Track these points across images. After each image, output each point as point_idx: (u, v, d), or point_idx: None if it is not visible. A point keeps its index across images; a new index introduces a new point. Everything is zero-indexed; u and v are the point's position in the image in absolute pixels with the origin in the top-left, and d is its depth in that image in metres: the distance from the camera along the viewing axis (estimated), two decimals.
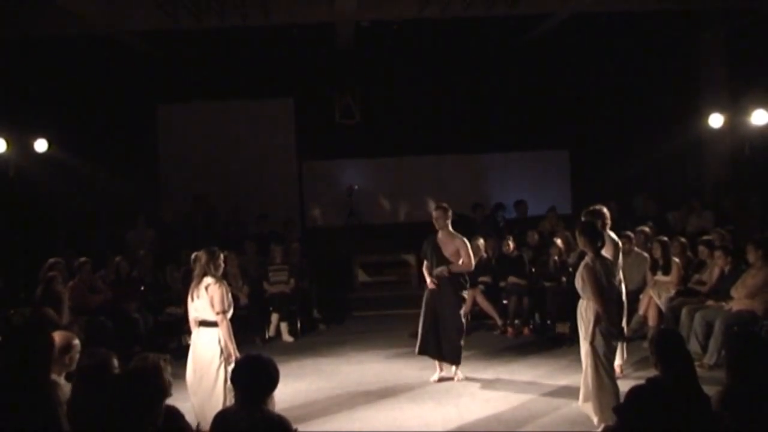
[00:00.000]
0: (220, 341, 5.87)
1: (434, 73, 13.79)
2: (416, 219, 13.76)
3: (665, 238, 9.32)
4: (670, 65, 13.69)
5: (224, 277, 6.16)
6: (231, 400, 5.62)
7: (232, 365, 5.74)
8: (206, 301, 5.89)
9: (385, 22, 11.65)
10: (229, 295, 5.96)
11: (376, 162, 14.15)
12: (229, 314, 5.94)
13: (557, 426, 6.40)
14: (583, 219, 7.05)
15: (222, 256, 6.09)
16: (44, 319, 7.62)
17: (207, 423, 4.17)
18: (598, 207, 7.36)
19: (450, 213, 7.86)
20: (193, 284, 6.05)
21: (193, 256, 6.11)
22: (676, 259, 9.12)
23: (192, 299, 6.02)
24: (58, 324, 7.48)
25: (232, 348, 5.88)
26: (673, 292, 8.85)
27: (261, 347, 9.65)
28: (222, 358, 5.84)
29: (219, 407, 5.58)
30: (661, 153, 12.85)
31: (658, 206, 12.85)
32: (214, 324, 5.89)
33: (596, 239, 6.10)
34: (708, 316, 8.10)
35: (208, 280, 5.93)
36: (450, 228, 7.81)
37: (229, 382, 5.69)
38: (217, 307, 5.85)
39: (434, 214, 7.85)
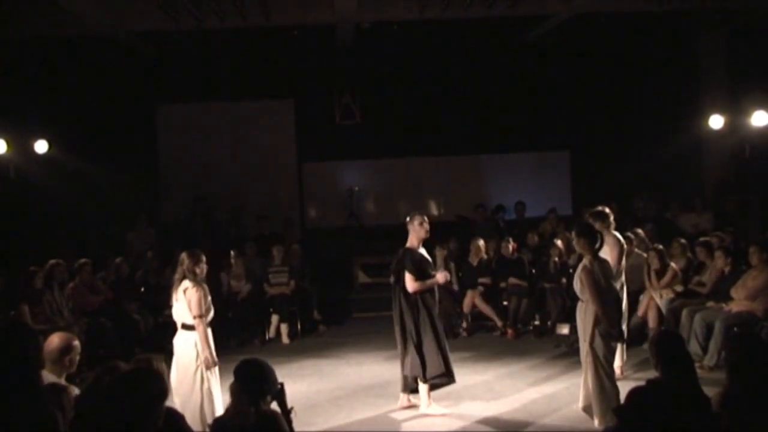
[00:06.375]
0: (196, 345, 5.79)
1: (434, 73, 13.79)
2: None
3: (660, 247, 9.28)
4: (670, 65, 13.70)
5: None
6: (209, 404, 5.66)
7: (215, 369, 5.77)
8: (184, 304, 5.84)
9: (385, 22, 11.64)
10: (208, 299, 5.87)
11: (377, 163, 14.14)
12: (208, 318, 5.85)
13: (558, 427, 6.40)
14: (590, 220, 7.07)
15: (204, 259, 5.96)
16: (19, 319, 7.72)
17: (187, 421, 4.19)
18: (601, 208, 7.36)
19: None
20: (173, 287, 5.99)
21: (181, 257, 6.04)
22: (673, 264, 9.11)
23: (172, 302, 6.00)
24: (27, 323, 7.55)
25: (208, 352, 5.77)
26: (672, 294, 8.85)
27: (259, 348, 9.66)
28: (198, 362, 5.76)
29: (197, 410, 5.64)
30: (661, 154, 12.85)
31: (658, 207, 12.85)
32: (192, 327, 5.83)
33: (594, 241, 6.10)
34: (708, 317, 8.09)
35: (186, 283, 5.86)
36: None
37: (206, 384, 5.72)
38: (194, 311, 5.78)
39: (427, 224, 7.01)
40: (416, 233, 6.95)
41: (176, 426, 3.90)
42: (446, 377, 6.79)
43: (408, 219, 7.09)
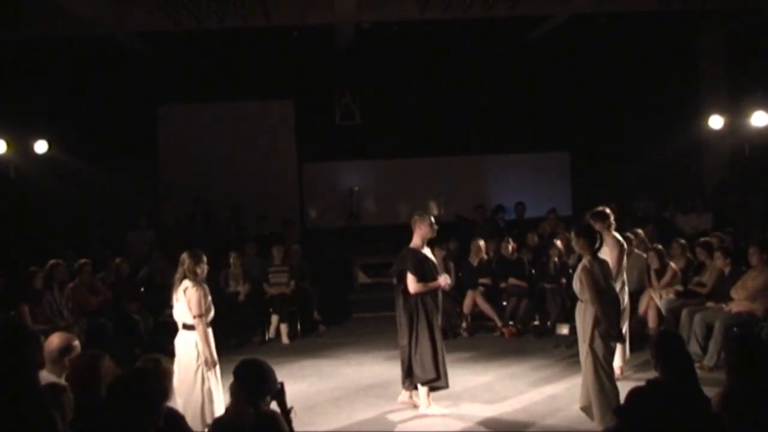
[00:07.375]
0: (197, 345, 5.81)
1: (434, 74, 13.79)
2: None
3: (660, 247, 9.28)
4: (670, 65, 13.70)
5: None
6: (210, 404, 5.67)
7: (216, 368, 5.77)
8: (184, 304, 5.86)
9: (385, 22, 11.64)
10: (208, 298, 5.90)
11: (377, 163, 14.15)
12: (208, 318, 5.87)
13: (558, 428, 6.40)
14: (590, 220, 7.07)
15: (205, 259, 5.98)
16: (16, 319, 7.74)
17: (188, 422, 4.20)
18: (601, 208, 7.36)
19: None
20: (173, 287, 6.01)
21: (182, 257, 6.04)
22: (673, 264, 9.11)
23: (172, 302, 6.01)
24: (27, 323, 7.55)
25: (209, 352, 5.79)
26: (671, 294, 8.85)
27: (259, 348, 9.65)
28: (199, 362, 5.77)
29: (198, 410, 5.65)
30: (661, 154, 12.86)
31: (658, 207, 12.84)
32: (192, 327, 5.85)
33: (593, 242, 6.10)
34: (708, 317, 8.10)
35: (186, 283, 5.88)
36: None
37: (207, 384, 5.73)
38: (194, 311, 5.80)
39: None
40: (423, 233, 6.89)
41: (177, 426, 3.91)
42: (437, 381, 6.76)
43: (414, 219, 6.99)
